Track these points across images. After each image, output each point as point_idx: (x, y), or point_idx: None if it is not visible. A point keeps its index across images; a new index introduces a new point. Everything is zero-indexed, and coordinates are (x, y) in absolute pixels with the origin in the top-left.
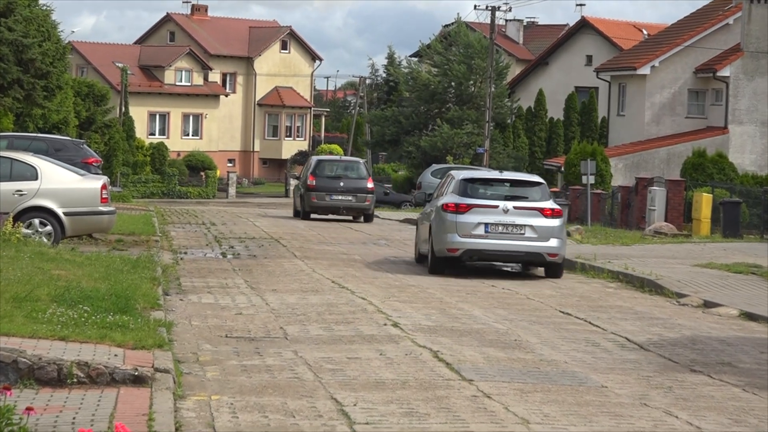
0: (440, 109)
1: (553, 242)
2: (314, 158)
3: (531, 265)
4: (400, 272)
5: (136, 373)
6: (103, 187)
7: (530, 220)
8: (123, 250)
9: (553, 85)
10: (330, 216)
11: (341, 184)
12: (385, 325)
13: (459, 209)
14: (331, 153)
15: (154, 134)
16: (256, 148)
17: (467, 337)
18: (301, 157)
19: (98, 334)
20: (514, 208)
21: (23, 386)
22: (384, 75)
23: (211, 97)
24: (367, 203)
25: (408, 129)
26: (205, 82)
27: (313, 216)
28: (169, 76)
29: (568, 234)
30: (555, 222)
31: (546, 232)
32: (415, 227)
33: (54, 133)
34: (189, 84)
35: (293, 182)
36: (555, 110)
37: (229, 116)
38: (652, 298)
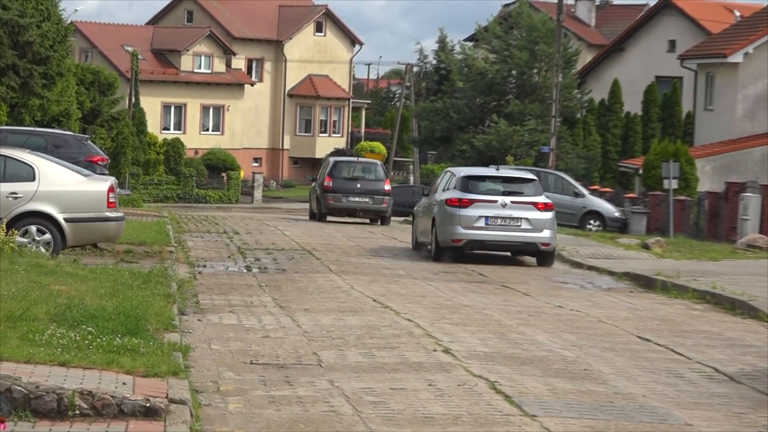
0: (499, 101)
1: (546, 233)
2: (331, 159)
3: (525, 254)
4: (453, 290)
5: (148, 405)
6: (110, 189)
7: (526, 214)
8: (132, 263)
9: (630, 74)
10: (357, 220)
11: (358, 185)
12: (435, 350)
13: (462, 204)
14: (372, 152)
15: (168, 129)
16: (286, 145)
17: (529, 365)
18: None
19: (104, 359)
20: (512, 202)
21: (18, 418)
22: (434, 62)
23: (235, 86)
24: (384, 205)
25: (461, 125)
26: (227, 70)
27: (334, 219)
28: (186, 62)
29: (647, 247)
30: (547, 215)
31: (539, 224)
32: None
33: (54, 127)
34: (209, 71)
35: None
36: (632, 103)
37: (255, 109)
38: (745, 323)
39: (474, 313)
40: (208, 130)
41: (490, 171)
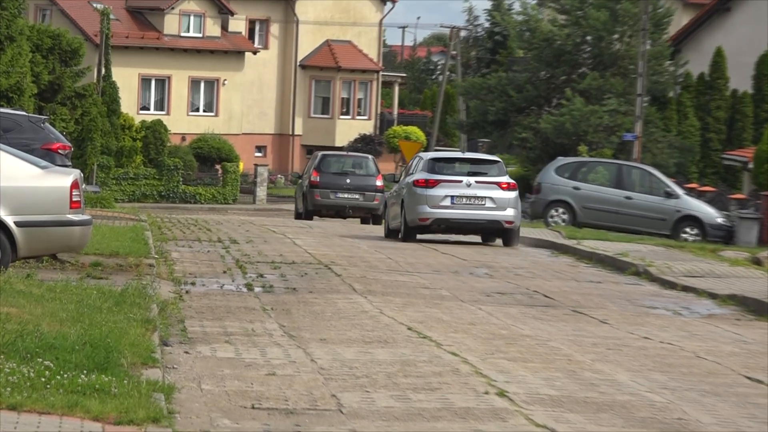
0: (570, 75)
1: (509, 211)
2: (319, 153)
3: (490, 233)
4: (510, 316)
5: None
6: (74, 185)
7: (489, 193)
8: (102, 279)
9: (737, 42)
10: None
11: (348, 181)
12: (487, 393)
13: (428, 184)
14: (407, 139)
15: (147, 108)
16: (298, 130)
17: (608, 413)
18: (363, 145)
19: (65, 401)
20: (476, 182)
21: None
22: (487, 25)
23: (233, 54)
24: (375, 203)
25: (521, 105)
26: (223, 33)
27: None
28: (170, 24)
29: (759, 262)
30: (511, 194)
31: (503, 203)
32: (525, 246)
33: (2, 106)
34: (200, 35)
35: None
36: (739, 79)
37: (259, 83)
38: None
39: (537, 346)
40: (198, 110)
41: (456, 153)
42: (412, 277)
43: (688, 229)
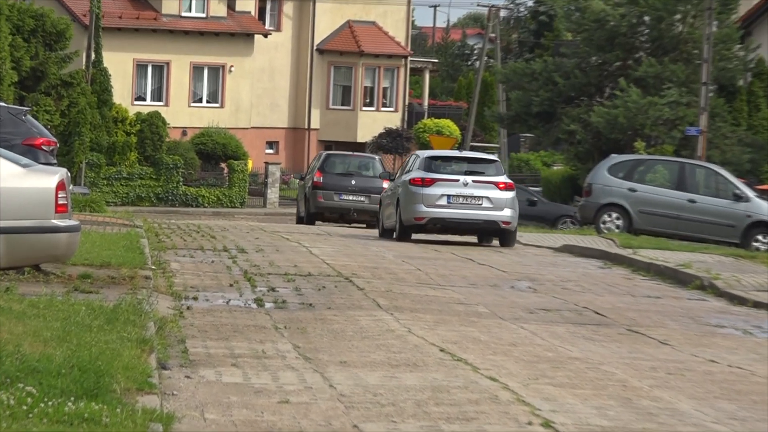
0: (624, 61)
1: (506, 212)
2: (323, 153)
3: (487, 234)
4: (556, 336)
5: None
6: (60, 186)
7: (487, 192)
8: (92, 293)
9: None
10: (425, 237)
11: (353, 182)
12: (530, 424)
13: (425, 183)
14: (439, 133)
15: (143, 99)
16: (314, 124)
17: None
18: (389, 141)
19: None
20: (473, 181)
21: None
22: (530, 4)
23: (240, 37)
24: None
25: (570, 94)
26: (230, 13)
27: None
28: (169, 3)
29: None
30: (508, 194)
31: (500, 203)
32: (574, 256)
33: None
34: (203, 16)
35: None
36: None
37: (270, 70)
38: None
39: (587, 370)
40: (201, 100)
41: (453, 152)
42: (444, 292)
43: (760, 237)
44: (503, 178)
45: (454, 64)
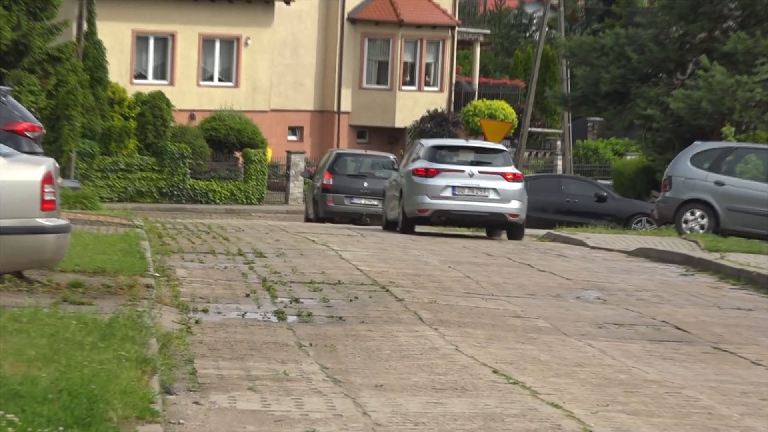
0: (710, 33)
1: (514, 204)
2: (333, 151)
3: (494, 227)
4: (629, 355)
5: None
6: (47, 179)
7: (493, 184)
8: (84, 304)
9: None
10: (465, 232)
11: (365, 184)
12: None
13: (428, 173)
14: (492, 117)
15: (144, 77)
16: (345, 106)
17: None
18: (433, 126)
19: None
20: (479, 172)
21: None
22: None
23: (258, 4)
24: None
25: (646, 71)
26: None
27: (424, 230)
28: None
29: None
30: (516, 186)
31: (508, 194)
32: (651, 261)
33: None
34: None
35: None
36: None
37: (293, 43)
38: None
39: (666, 395)
40: (212, 79)
41: (459, 141)
42: (498, 303)
43: None
44: (511, 169)
45: (509, 35)
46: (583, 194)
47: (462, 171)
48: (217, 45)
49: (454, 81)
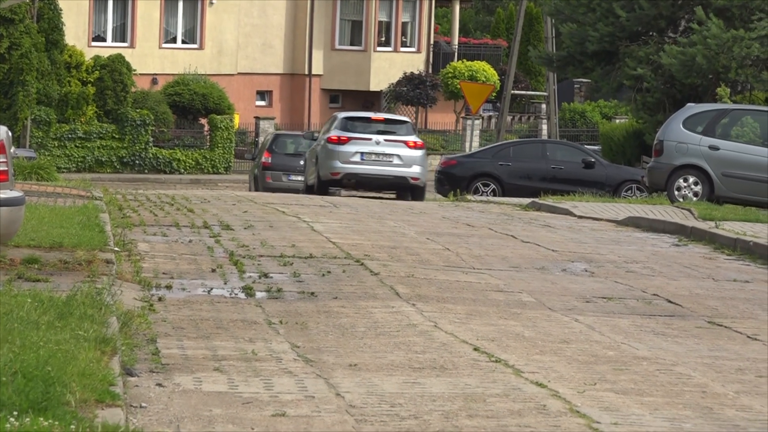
0: None
1: (415, 168)
2: (272, 132)
3: (398, 189)
4: (618, 330)
5: None
6: None
7: (397, 150)
8: (39, 281)
9: None
10: (466, 210)
11: (301, 162)
12: None
13: (340, 141)
14: (473, 79)
15: (103, 39)
16: (317, 68)
17: None
18: (410, 89)
19: None
20: (385, 140)
21: None
22: None
23: None
24: None
25: (635, 29)
26: None
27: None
28: None
29: None
30: (417, 153)
31: (410, 160)
32: (641, 231)
33: None
34: None
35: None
36: None
37: (261, 3)
38: None
39: (658, 372)
40: (174, 41)
41: (368, 114)
42: (480, 276)
43: None
44: (413, 138)
45: None
46: (570, 160)
47: (370, 139)
48: (180, 4)
49: (432, 41)
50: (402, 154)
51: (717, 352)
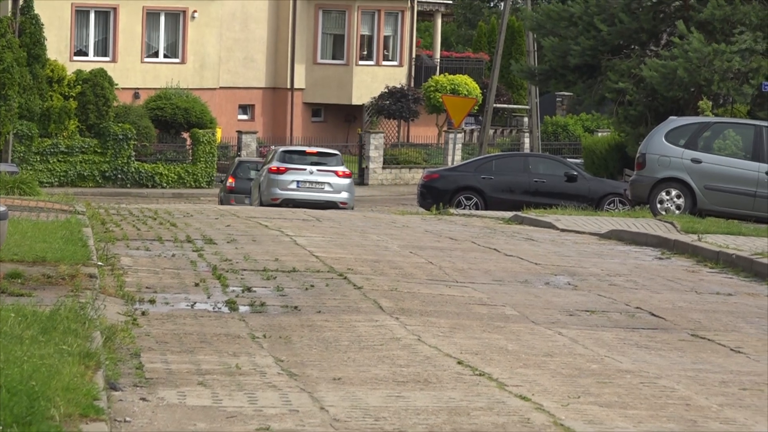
0: (686, 1)
1: (344, 194)
2: (237, 159)
3: (328, 209)
4: (602, 344)
5: None
6: None
7: (328, 179)
8: (22, 296)
9: None
10: (445, 223)
11: None
12: None
13: (279, 171)
14: (455, 93)
15: (85, 53)
16: (299, 82)
17: None
18: (392, 103)
19: None
20: (317, 170)
21: None
22: None
23: None
24: None
25: (617, 43)
26: None
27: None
28: None
29: None
30: (345, 180)
31: (339, 187)
32: (624, 244)
33: None
34: None
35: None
36: None
37: (243, 16)
38: None
39: (641, 385)
40: (157, 55)
41: (303, 147)
42: (463, 290)
43: None
44: (342, 168)
45: (472, 6)
46: (552, 174)
47: (304, 169)
48: (162, 18)
49: (414, 55)
50: (332, 182)
51: (700, 365)
